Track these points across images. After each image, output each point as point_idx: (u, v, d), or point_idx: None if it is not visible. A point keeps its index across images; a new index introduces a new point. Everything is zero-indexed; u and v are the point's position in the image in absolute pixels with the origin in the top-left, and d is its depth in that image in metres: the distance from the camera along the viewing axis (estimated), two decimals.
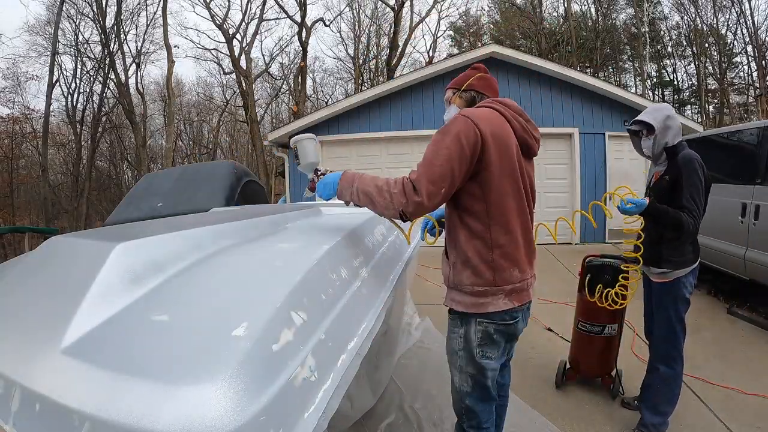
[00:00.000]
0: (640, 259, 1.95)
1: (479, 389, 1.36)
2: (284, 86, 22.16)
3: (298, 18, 18.01)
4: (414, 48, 31.41)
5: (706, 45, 18.26)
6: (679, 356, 2.01)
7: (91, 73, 18.12)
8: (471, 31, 23.13)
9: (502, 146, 1.24)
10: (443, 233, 1.54)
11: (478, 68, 1.52)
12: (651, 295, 2.13)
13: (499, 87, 1.51)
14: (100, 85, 17.97)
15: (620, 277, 2.19)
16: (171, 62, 17.12)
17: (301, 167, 1.53)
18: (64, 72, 18.03)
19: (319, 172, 1.48)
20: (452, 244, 1.35)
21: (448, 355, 1.41)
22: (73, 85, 18.19)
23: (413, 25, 20.17)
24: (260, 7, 18.70)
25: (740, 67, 18.08)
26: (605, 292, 2.17)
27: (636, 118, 2.03)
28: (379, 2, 19.88)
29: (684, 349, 2.03)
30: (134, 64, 19.00)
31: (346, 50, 22.78)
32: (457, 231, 1.31)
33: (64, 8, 16.54)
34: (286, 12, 18.49)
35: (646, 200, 1.86)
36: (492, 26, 23.21)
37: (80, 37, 17.64)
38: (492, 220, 1.25)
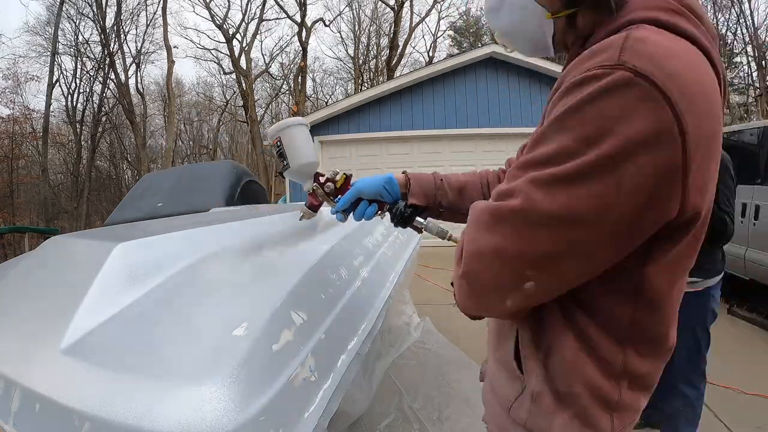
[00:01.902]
0: None
1: None
2: (284, 86, 22.18)
3: (298, 18, 18.03)
4: (414, 48, 31.52)
5: None
6: (702, 374, 1.89)
7: (91, 73, 18.11)
8: (471, 31, 23.13)
9: (714, 155, 0.50)
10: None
11: None
12: None
13: (499, 87, 0.81)
14: (100, 85, 17.97)
15: None
16: (171, 62, 17.14)
17: (289, 172, 0.89)
18: (64, 72, 18.03)
19: (324, 178, 0.88)
20: (534, 346, 0.62)
21: None
22: (73, 85, 18.20)
23: (413, 25, 20.19)
24: (260, 7, 18.73)
25: (740, 67, 18.10)
26: None
27: None
28: (379, 2, 19.91)
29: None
30: (134, 64, 19.01)
31: (346, 50, 22.82)
32: (555, 328, 0.59)
33: (64, 8, 16.54)
34: (286, 12, 18.52)
35: None
36: None
37: (80, 37, 17.64)
38: (635, 334, 0.57)
